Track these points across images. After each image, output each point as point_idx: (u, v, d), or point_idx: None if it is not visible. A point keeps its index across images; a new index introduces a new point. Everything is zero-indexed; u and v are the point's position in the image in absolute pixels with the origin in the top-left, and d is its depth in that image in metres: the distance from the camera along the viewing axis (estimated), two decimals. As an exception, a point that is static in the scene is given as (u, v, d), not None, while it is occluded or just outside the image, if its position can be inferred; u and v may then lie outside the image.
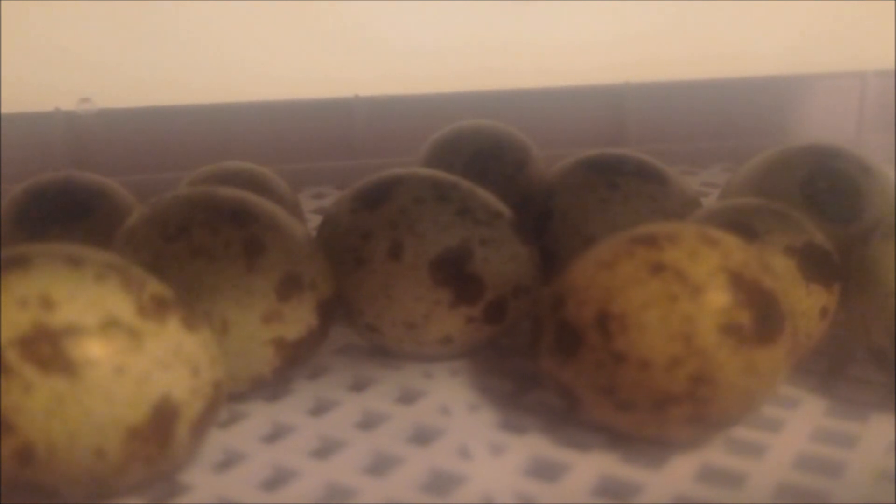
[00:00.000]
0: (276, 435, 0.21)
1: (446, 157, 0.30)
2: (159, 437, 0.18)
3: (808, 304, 0.22)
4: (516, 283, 0.24)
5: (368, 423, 0.22)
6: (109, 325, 0.17)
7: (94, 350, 0.17)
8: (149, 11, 0.40)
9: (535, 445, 0.21)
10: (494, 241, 0.24)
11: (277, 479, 0.20)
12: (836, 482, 0.19)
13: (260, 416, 0.22)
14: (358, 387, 0.24)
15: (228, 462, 0.20)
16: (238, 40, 0.41)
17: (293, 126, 0.41)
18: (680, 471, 0.20)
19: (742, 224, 0.22)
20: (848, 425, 0.21)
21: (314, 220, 0.34)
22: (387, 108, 0.42)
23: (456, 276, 0.23)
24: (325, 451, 0.21)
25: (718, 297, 0.18)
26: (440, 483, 0.20)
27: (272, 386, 0.23)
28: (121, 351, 0.17)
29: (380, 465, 0.20)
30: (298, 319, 0.22)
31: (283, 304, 0.21)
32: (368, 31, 0.42)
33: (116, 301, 0.18)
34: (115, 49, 0.40)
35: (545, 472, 0.20)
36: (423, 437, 0.21)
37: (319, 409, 0.23)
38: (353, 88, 0.42)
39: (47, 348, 0.17)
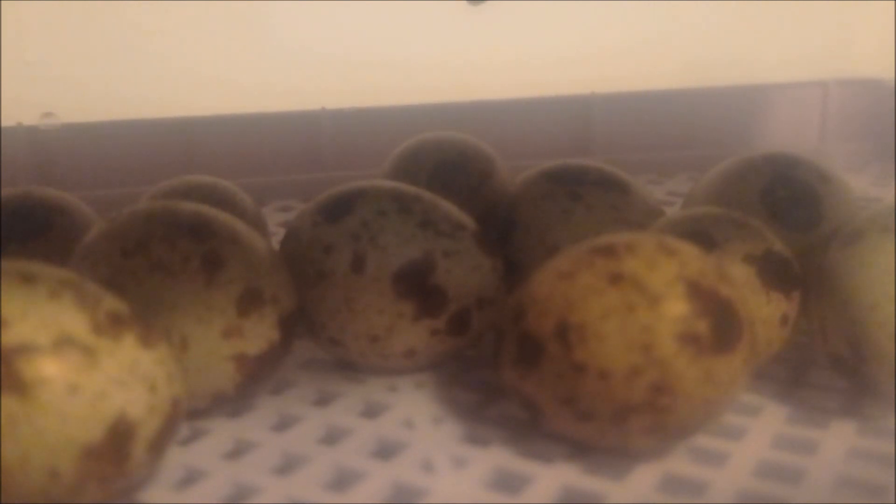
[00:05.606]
0: (237, 451, 0.21)
1: (410, 169, 0.30)
2: (115, 456, 0.17)
3: (768, 311, 0.22)
4: (480, 294, 0.24)
5: (332, 437, 0.22)
6: (63, 343, 0.17)
7: (48, 369, 0.17)
8: (112, 25, 0.39)
9: (498, 458, 0.21)
10: (457, 253, 0.23)
11: (238, 496, 0.20)
12: (798, 489, 0.19)
13: (221, 432, 0.22)
14: (322, 401, 0.23)
15: (189, 480, 0.20)
16: (203, 53, 0.41)
17: (260, 139, 0.41)
18: (642, 480, 0.20)
19: (702, 233, 0.23)
20: (809, 432, 0.22)
21: (280, 234, 0.34)
22: (354, 120, 0.42)
23: (419, 288, 0.23)
24: (287, 467, 0.21)
25: (676, 307, 0.19)
26: (403, 497, 0.19)
27: (234, 402, 0.23)
28: (75, 369, 0.17)
29: (343, 480, 0.20)
30: (259, 334, 0.22)
31: (244, 319, 0.21)
32: (334, 43, 0.42)
33: (70, 318, 0.17)
34: (79, 63, 0.39)
35: (508, 484, 0.20)
36: (386, 452, 0.21)
37: (282, 425, 0.22)
38: (320, 101, 0.42)
39: (-1, 368, 0.16)
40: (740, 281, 0.22)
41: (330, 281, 0.23)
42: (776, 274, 0.23)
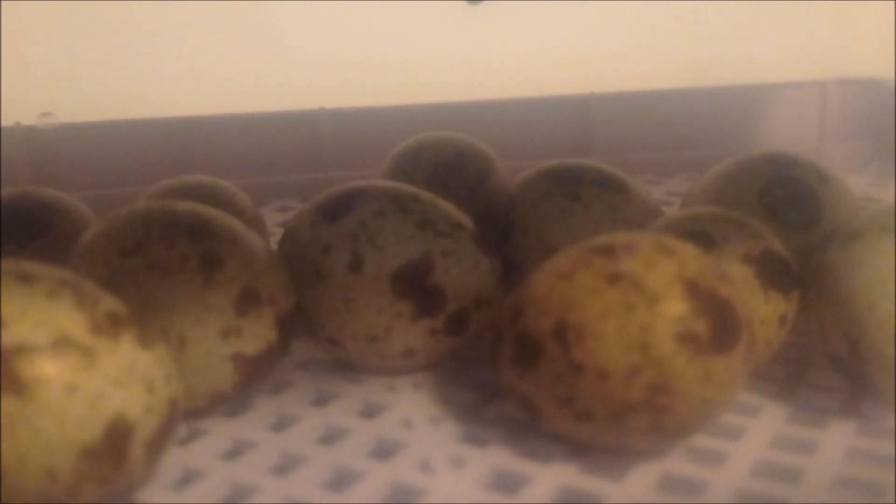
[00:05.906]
0: (235, 452, 0.21)
1: (409, 169, 0.30)
2: (113, 456, 0.17)
3: (766, 311, 0.22)
4: (478, 294, 0.24)
5: (330, 437, 0.22)
6: (61, 344, 0.17)
7: (45, 369, 0.17)
8: (112, 25, 0.39)
9: (496, 458, 0.21)
10: (456, 253, 0.23)
11: (237, 497, 0.20)
12: (796, 489, 0.19)
13: (219, 432, 0.22)
14: (320, 401, 0.23)
15: (187, 480, 0.20)
16: (202, 53, 0.41)
17: (258, 139, 0.41)
18: (641, 480, 0.20)
19: (700, 233, 0.23)
20: (808, 432, 0.22)
21: (279, 234, 0.34)
22: (353, 120, 0.42)
23: (417, 288, 0.23)
24: (285, 467, 0.21)
25: (674, 306, 0.19)
26: (401, 497, 0.19)
27: (232, 402, 0.23)
28: (73, 369, 0.17)
29: (341, 481, 0.20)
30: (257, 334, 0.22)
31: (242, 319, 0.21)
32: (334, 43, 0.42)
33: (68, 318, 0.17)
34: (77, 63, 0.39)
35: (506, 484, 0.20)
36: (384, 452, 0.21)
37: (280, 425, 0.22)
38: (319, 101, 0.42)
39: (-4, 368, 0.16)
40: (739, 281, 0.22)
41: (328, 281, 0.23)
42: (775, 274, 0.23)
